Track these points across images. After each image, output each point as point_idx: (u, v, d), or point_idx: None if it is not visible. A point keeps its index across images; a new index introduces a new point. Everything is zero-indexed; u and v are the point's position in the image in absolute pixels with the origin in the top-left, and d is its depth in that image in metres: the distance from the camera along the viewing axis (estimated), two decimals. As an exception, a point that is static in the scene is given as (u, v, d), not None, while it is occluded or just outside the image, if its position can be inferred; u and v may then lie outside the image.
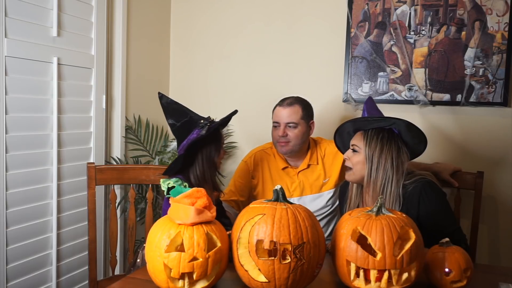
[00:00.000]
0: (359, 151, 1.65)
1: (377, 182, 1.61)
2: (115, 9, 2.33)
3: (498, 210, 2.25)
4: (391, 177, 1.60)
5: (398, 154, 1.62)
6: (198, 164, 1.70)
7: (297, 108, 1.95)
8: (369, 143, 1.62)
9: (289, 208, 1.22)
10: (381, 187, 1.61)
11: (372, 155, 1.61)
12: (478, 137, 2.25)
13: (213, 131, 1.69)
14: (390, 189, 1.60)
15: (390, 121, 1.63)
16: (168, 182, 1.64)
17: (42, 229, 1.96)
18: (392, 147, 1.61)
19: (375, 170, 1.61)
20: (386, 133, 1.64)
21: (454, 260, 1.26)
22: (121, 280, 1.36)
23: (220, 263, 1.21)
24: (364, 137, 1.65)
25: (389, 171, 1.60)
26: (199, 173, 1.69)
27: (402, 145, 1.64)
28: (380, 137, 1.62)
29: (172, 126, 1.72)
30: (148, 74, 2.63)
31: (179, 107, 1.73)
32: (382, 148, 1.61)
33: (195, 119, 1.70)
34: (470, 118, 2.26)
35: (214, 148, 1.72)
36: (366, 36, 2.37)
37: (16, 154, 1.82)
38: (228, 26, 2.68)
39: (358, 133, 1.68)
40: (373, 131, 1.64)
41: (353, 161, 1.66)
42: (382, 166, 1.60)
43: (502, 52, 2.16)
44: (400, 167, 1.61)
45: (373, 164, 1.61)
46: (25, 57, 1.83)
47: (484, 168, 2.16)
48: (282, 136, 1.93)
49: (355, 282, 1.22)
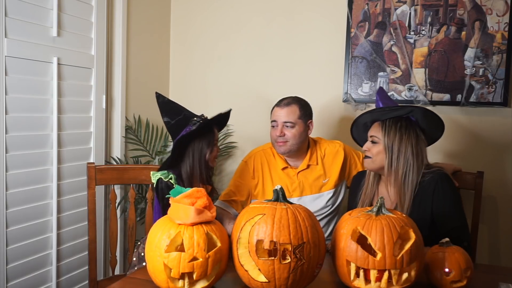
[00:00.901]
0: (378, 142, 1.66)
1: (398, 171, 1.63)
2: (115, 9, 2.33)
3: (498, 210, 2.25)
4: (412, 165, 1.62)
5: (417, 141, 1.63)
6: (188, 159, 1.76)
7: (295, 108, 1.95)
8: (388, 133, 1.64)
9: (289, 208, 1.22)
10: (402, 175, 1.62)
11: (392, 145, 1.62)
12: (478, 137, 2.25)
13: (203, 127, 1.74)
14: (411, 177, 1.62)
15: (407, 109, 1.65)
16: (156, 175, 1.73)
17: (42, 229, 1.96)
18: (411, 136, 1.63)
19: (395, 160, 1.62)
20: (404, 122, 1.65)
21: (454, 260, 1.26)
22: (121, 280, 1.36)
23: (220, 263, 1.21)
24: (382, 127, 1.66)
25: (410, 159, 1.62)
26: (189, 168, 1.75)
27: (420, 133, 1.66)
28: (399, 126, 1.64)
29: (167, 124, 1.78)
30: (148, 74, 2.63)
31: (174, 105, 1.81)
32: (401, 137, 1.62)
33: (189, 116, 1.77)
34: (470, 118, 2.26)
35: (206, 144, 1.77)
36: (366, 36, 2.37)
37: (16, 154, 1.82)
38: (228, 26, 2.68)
39: (376, 123, 1.69)
40: (390, 121, 1.65)
41: (373, 152, 1.67)
42: (403, 155, 1.62)
43: (502, 52, 2.16)
44: (420, 155, 1.63)
45: (393, 153, 1.62)
46: (25, 57, 1.83)
47: (484, 168, 2.16)
48: (279, 136, 1.93)
49: (355, 282, 1.22)
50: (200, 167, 1.77)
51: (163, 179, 1.71)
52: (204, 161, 1.78)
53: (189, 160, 1.76)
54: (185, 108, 1.81)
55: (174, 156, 1.75)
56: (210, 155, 1.79)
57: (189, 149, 1.76)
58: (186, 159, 1.76)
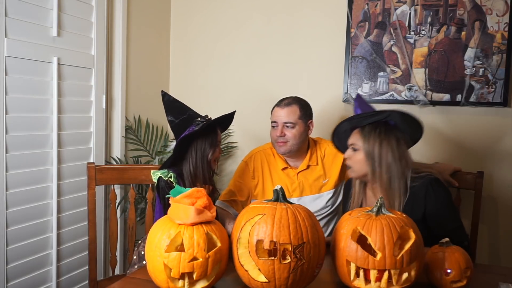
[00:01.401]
0: (359, 149, 1.64)
1: (382, 176, 1.61)
2: (115, 9, 2.33)
3: (498, 210, 2.25)
4: (395, 170, 1.60)
5: (398, 145, 1.62)
6: (191, 159, 1.75)
7: (295, 108, 1.95)
8: (368, 139, 1.62)
9: (289, 208, 1.22)
10: (388, 180, 1.61)
11: (373, 151, 1.61)
12: (478, 137, 2.25)
13: (206, 128, 1.73)
14: (397, 181, 1.60)
15: (384, 113, 1.63)
16: (156, 174, 1.73)
17: (42, 229, 1.96)
18: (391, 140, 1.61)
19: (378, 166, 1.60)
20: (383, 126, 1.63)
21: (454, 260, 1.26)
22: (121, 280, 1.36)
23: (220, 263, 1.21)
24: (361, 134, 1.64)
25: (392, 164, 1.60)
26: (192, 168, 1.75)
27: (400, 136, 1.64)
28: (378, 131, 1.62)
29: (171, 122, 1.78)
30: (148, 74, 2.63)
31: (179, 105, 1.80)
32: (381, 142, 1.60)
33: (193, 116, 1.77)
34: (470, 118, 2.25)
35: (209, 145, 1.77)
36: (366, 36, 2.37)
37: (16, 154, 1.82)
38: (228, 26, 2.68)
39: (355, 131, 1.68)
40: (369, 127, 1.64)
41: (354, 159, 1.66)
42: (385, 160, 1.60)
43: (502, 52, 2.16)
44: (403, 158, 1.61)
45: (375, 160, 1.60)
46: (25, 57, 1.83)
47: (484, 168, 2.16)
48: (280, 136, 1.93)
49: (355, 282, 1.22)
50: (203, 167, 1.76)
51: (163, 178, 1.72)
52: (207, 162, 1.77)
53: (192, 160, 1.75)
54: (190, 107, 1.80)
55: (175, 155, 1.75)
56: (212, 156, 1.79)
57: (191, 149, 1.76)
58: (188, 159, 1.76)
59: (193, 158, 1.75)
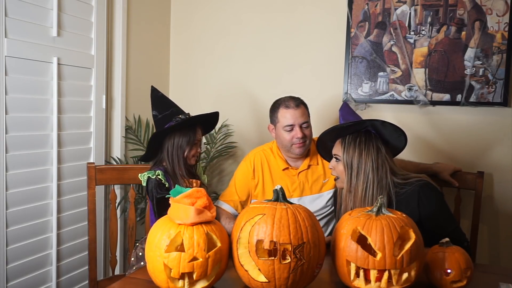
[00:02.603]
0: (340, 159, 1.63)
1: (358, 188, 1.59)
2: (115, 9, 2.33)
3: (498, 210, 2.25)
4: (371, 180, 1.57)
5: (378, 155, 1.59)
6: (167, 154, 1.80)
7: (304, 108, 1.98)
8: (347, 150, 1.61)
9: (289, 208, 1.22)
10: (362, 191, 1.58)
11: (351, 162, 1.59)
12: (478, 137, 2.25)
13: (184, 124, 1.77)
14: (371, 192, 1.57)
15: (363, 124, 1.62)
16: (144, 175, 1.78)
17: (42, 229, 1.96)
18: (370, 149, 1.59)
19: (355, 177, 1.59)
20: (363, 136, 1.61)
21: (454, 260, 1.26)
22: (121, 280, 1.36)
23: (220, 263, 1.21)
24: (341, 144, 1.63)
25: (369, 174, 1.57)
26: (169, 163, 1.80)
27: (381, 145, 1.62)
28: (358, 141, 1.60)
29: (154, 117, 1.83)
30: (148, 74, 2.63)
31: (165, 101, 1.85)
32: (360, 152, 1.59)
33: (175, 113, 1.80)
34: (470, 118, 2.25)
35: (186, 142, 1.80)
36: (366, 36, 2.37)
37: (16, 154, 1.82)
38: (228, 26, 2.68)
39: (337, 141, 1.67)
40: (350, 137, 1.62)
41: (338, 170, 1.65)
42: (362, 171, 1.58)
43: (502, 52, 2.16)
44: (381, 168, 1.58)
45: (353, 170, 1.59)
46: (25, 57, 1.83)
47: (484, 168, 2.16)
48: (301, 138, 1.93)
49: (355, 282, 1.22)
50: (179, 162, 1.80)
51: (151, 178, 1.75)
52: (183, 158, 1.80)
53: (168, 155, 1.79)
54: (175, 105, 1.84)
55: (148, 148, 1.82)
56: (189, 153, 1.81)
57: (167, 145, 1.79)
58: (164, 154, 1.80)
59: (169, 153, 1.79)
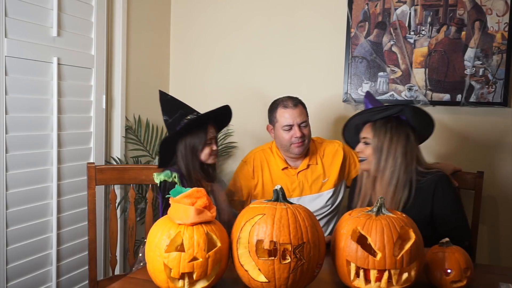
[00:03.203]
0: (369, 143, 1.66)
1: (385, 171, 1.62)
2: (115, 9, 2.33)
3: (498, 210, 2.25)
4: (400, 165, 1.61)
5: (408, 140, 1.63)
6: (181, 156, 1.77)
7: (302, 108, 1.98)
8: (378, 134, 1.64)
9: (289, 208, 1.22)
10: (390, 175, 1.62)
11: (382, 146, 1.62)
12: (478, 137, 2.25)
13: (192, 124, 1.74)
14: (398, 176, 1.61)
15: (397, 108, 1.65)
16: (159, 176, 1.74)
17: (42, 229, 1.96)
18: (401, 135, 1.63)
19: (384, 160, 1.62)
20: (394, 121, 1.65)
21: (454, 260, 1.26)
22: (121, 280, 1.36)
23: (220, 263, 1.21)
24: (372, 128, 1.66)
25: (398, 159, 1.61)
26: (184, 166, 1.76)
27: (411, 132, 1.65)
28: (389, 126, 1.64)
29: (165, 122, 1.81)
30: (148, 74, 2.63)
31: (174, 103, 1.82)
32: (391, 137, 1.62)
33: (183, 115, 1.78)
34: (470, 118, 2.25)
35: (198, 142, 1.77)
36: (366, 36, 2.37)
37: (16, 154, 1.82)
38: (228, 26, 2.68)
39: (367, 125, 1.69)
40: (381, 121, 1.65)
41: (366, 153, 1.67)
42: (392, 155, 1.61)
43: (502, 52, 2.16)
44: (409, 154, 1.63)
45: (383, 154, 1.62)
46: (25, 57, 1.83)
47: (484, 168, 2.15)
48: (300, 137, 1.93)
49: (355, 282, 1.22)
50: (194, 164, 1.76)
51: (168, 180, 1.71)
52: (197, 159, 1.77)
53: (182, 158, 1.76)
54: (185, 105, 1.81)
55: (160, 154, 1.78)
56: (202, 153, 1.78)
57: (180, 147, 1.77)
58: (179, 158, 1.77)
59: (183, 155, 1.76)
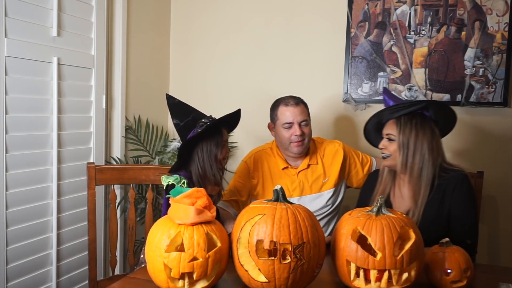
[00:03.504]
0: (395, 139, 1.66)
1: (414, 167, 1.63)
2: (115, 9, 2.33)
3: (498, 210, 2.25)
4: (428, 160, 1.62)
5: (433, 135, 1.64)
6: (198, 160, 1.73)
7: (303, 107, 1.98)
8: (403, 130, 1.64)
9: (289, 208, 1.22)
10: (419, 171, 1.63)
11: (408, 142, 1.63)
12: (478, 137, 2.25)
13: (210, 129, 1.71)
14: (427, 171, 1.63)
15: (421, 104, 1.65)
16: (168, 180, 1.69)
17: (42, 229, 1.96)
18: (427, 131, 1.64)
19: (411, 156, 1.63)
20: (418, 117, 1.65)
21: (454, 260, 1.26)
22: (121, 280, 1.36)
23: (220, 263, 1.21)
24: (397, 124, 1.66)
25: (426, 154, 1.62)
26: (200, 170, 1.73)
27: (435, 127, 1.66)
28: (414, 123, 1.64)
29: (176, 125, 1.76)
30: (148, 74, 2.63)
31: (184, 107, 1.78)
32: (417, 133, 1.63)
33: (197, 118, 1.75)
34: (470, 118, 2.25)
35: (215, 145, 1.74)
36: (366, 36, 2.37)
37: (16, 154, 1.82)
38: (228, 26, 2.68)
39: (391, 121, 1.69)
40: (405, 118, 1.66)
41: (391, 149, 1.68)
42: (419, 151, 1.62)
43: (502, 52, 2.16)
44: (435, 149, 1.64)
45: (409, 150, 1.63)
46: (25, 57, 1.83)
47: (484, 168, 2.15)
48: (300, 135, 1.93)
49: (355, 282, 1.22)
50: (211, 167, 1.74)
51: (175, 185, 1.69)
52: (215, 161, 1.75)
53: (199, 162, 1.73)
54: (195, 109, 1.78)
55: (180, 158, 1.73)
56: (220, 156, 1.76)
57: (197, 151, 1.74)
58: (195, 161, 1.74)
59: (200, 159, 1.73)
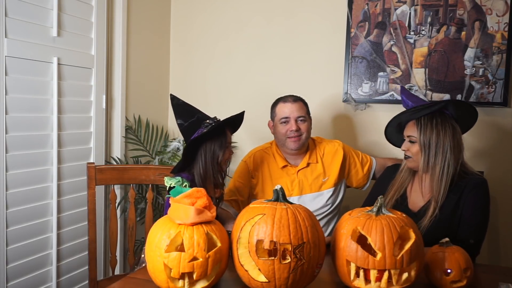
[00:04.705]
0: (416, 141, 1.66)
1: (436, 167, 1.63)
2: (115, 9, 2.33)
3: (498, 210, 2.25)
4: (449, 159, 1.62)
5: (454, 134, 1.64)
6: (201, 161, 1.73)
7: (302, 104, 1.99)
8: (424, 131, 1.64)
9: (289, 208, 1.22)
10: (441, 170, 1.63)
11: (429, 142, 1.63)
12: (478, 137, 2.25)
13: (215, 130, 1.71)
14: (448, 169, 1.63)
15: (439, 104, 1.65)
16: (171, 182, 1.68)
17: (42, 229, 1.96)
18: (447, 129, 1.63)
19: (433, 156, 1.63)
20: (438, 117, 1.65)
21: (454, 260, 1.26)
22: (121, 280, 1.36)
23: (220, 263, 1.21)
24: (417, 126, 1.66)
25: (448, 152, 1.62)
26: (202, 171, 1.72)
27: (456, 124, 1.66)
28: (434, 122, 1.64)
29: (180, 126, 1.76)
30: (148, 74, 2.63)
31: (188, 108, 1.77)
32: (438, 133, 1.63)
33: (202, 119, 1.74)
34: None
35: (218, 147, 1.74)
36: (366, 36, 2.37)
37: (16, 154, 1.82)
38: (228, 26, 2.68)
39: (411, 123, 1.69)
40: (425, 118, 1.65)
41: (413, 151, 1.68)
42: (441, 150, 1.62)
43: (502, 52, 2.16)
44: (457, 147, 1.64)
45: (431, 150, 1.63)
46: (25, 57, 1.83)
47: (484, 168, 2.15)
48: (296, 130, 1.93)
49: (355, 282, 1.22)
50: (213, 169, 1.73)
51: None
52: (217, 164, 1.74)
53: (202, 163, 1.72)
54: (199, 110, 1.78)
55: (185, 158, 1.73)
56: (223, 158, 1.76)
57: (201, 152, 1.73)
58: (198, 162, 1.73)
59: (203, 161, 1.72)
